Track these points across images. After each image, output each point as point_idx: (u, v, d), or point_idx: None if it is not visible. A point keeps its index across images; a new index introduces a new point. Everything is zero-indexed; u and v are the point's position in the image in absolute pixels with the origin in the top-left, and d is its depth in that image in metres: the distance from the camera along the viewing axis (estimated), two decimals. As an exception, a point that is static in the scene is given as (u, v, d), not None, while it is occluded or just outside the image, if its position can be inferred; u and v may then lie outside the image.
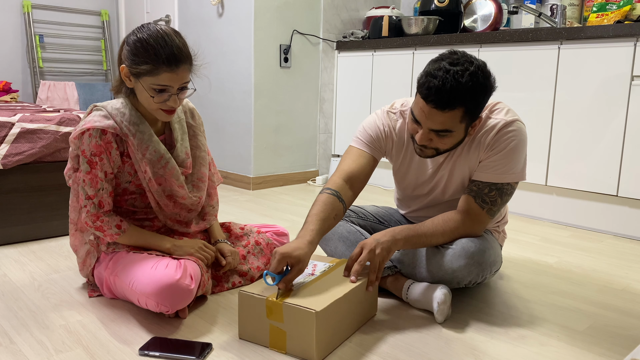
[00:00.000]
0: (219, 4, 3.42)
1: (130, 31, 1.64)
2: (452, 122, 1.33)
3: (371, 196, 3.18)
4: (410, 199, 1.71)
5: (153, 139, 1.49)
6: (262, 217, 2.63)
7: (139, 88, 1.42)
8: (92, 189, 1.45)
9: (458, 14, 3.10)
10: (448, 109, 1.30)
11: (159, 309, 1.36)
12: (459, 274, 1.47)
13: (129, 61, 1.39)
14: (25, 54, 4.20)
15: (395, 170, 1.67)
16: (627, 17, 2.56)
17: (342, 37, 3.61)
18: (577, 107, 2.48)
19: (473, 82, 1.29)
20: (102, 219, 1.47)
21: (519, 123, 1.47)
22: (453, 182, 1.56)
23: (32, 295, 1.59)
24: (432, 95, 1.29)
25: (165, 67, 1.35)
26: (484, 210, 1.47)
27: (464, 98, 1.29)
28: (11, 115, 2.08)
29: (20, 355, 1.24)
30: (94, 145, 1.43)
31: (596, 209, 2.50)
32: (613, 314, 1.56)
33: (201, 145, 1.64)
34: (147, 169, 1.48)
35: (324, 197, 1.45)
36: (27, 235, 2.12)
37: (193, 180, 1.61)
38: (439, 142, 1.39)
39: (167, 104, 1.41)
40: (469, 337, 1.38)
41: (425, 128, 1.37)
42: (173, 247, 1.51)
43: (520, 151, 1.46)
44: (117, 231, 1.47)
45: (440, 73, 1.29)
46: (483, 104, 1.36)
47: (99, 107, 1.48)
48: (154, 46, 1.35)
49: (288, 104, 3.46)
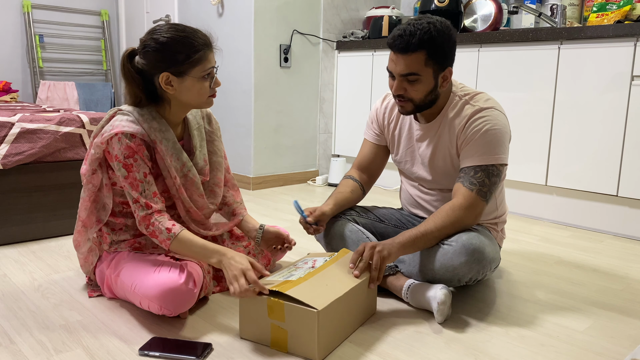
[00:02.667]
0: (219, 4, 3.42)
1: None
2: (417, 65, 1.47)
3: (372, 196, 3.18)
4: (407, 184, 1.81)
5: (176, 146, 1.48)
6: (262, 217, 2.63)
7: (186, 86, 1.40)
8: (135, 192, 1.39)
9: (458, 14, 3.10)
10: (410, 51, 1.46)
11: (162, 312, 1.36)
12: (459, 271, 1.48)
13: (170, 64, 1.37)
14: (25, 54, 4.20)
15: (390, 146, 1.79)
16: (627, 17, 2.56)
17: (342, 37, 3.61)
18: (577, 107, 2.48)
19: (430, 28, 1.45)
20: (153, 222, 1.39)
21: (495, 110, 1.55)
22: (437, 160, 1.64)
23: (32, 295, 1.59)
24: (396, 41, 1.47)
25: (207, 48, 1.41)
26: (473, 191, 1.50)
27: (422, 40, 1.44)
28: (11, 115, 2.08)
29: (20, 355, 1.24)
30: (125, 147, 1.38)
31: (596, 209, 2.50)
32: (613, 314, 1.56)
33: (218, 151, 1.64)
34: (176, 175, 1.47)
35: (342, 181, 1.79)
36: (27, 235, 2.12)
37: (210, 186, 1.61)
38: (412, 90, 1.51)
39: (213, 89, 1.45)
40: (469, 337, 1.38)
41: (397, 76, 1.51)
42: (220, 263, 1.36)
43: (496, 134, 1.52)
44: (167, 235, 1.38)
45: (403, 26, 1.49)
46: (447, 51, 1.49)
47: (124, 112, 1.44)
48: (188, 37, 1.38)
49: (288, 104, 3.46)
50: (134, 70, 1.41)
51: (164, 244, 1.40)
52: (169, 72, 1.38)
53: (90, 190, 1.50)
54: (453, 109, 1.59)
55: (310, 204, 2.96)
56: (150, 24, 4.17)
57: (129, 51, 1.42)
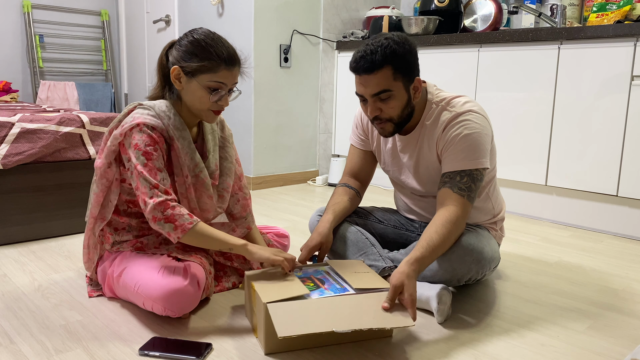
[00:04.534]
0: (219, 4, 3.42)
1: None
2: (386, 81, 1.44)
3: (371, 196, 3.18)
4: (399, 192, 1.80)
5: (191, 146, 1.50)
6: (262, 217, 2.63)
7: (191, 88, 1.42)
8: (154, 179, 1.38)
9: (458, 14, 3.10)
10: (376, 69, 1.43)
11: (166, 313, 1.37)
12: (458, 271, 1.48)
13: (185, 60, 1.41)
14: (25, 54, 4.20)
15: (376, 155, 1.77)
16: (627, 17, 2.56)
17: (342, 37, 3.61)
18: (577, 107, 2.48)
19: (389, 43, 1.43)
20: (173, 205, 1.36)
21: (474, 113, 1.52)
22: (421, 169, 1.62)
23: (32, 295, 1.59)
24: (359, 63, 1.45)
25: (225, 65, 1.41)
26: (464, 197, 1.48)
27: (385, 55, 1.42)
28: (11, 115, 2.08)
29: (20, 355, 1.24)
30: (147, 136, 1.40)
31: (596, 209, 2.50)
32: (613, 314, 1.56)
33: (229, 157, 1.65)
34: (188, 174, 1.49)
35: (336, 189, 1.76)
36: (27, 235, 2.12)
37: (219, 191, 1.61)
38: (387, 108, 1.48)
39: (218, 104, 1.45)
40: (469, 337, 1.38)
41: (368, 98, 1.48)
42: (246, 247, 1.40)
43: (475, 138, 1.49)
44: (189, 220, 1.36)
45: (362, 47, 1.47)
46: (412, 61, 1.47)
47: (145, 107, 1.46)
48: (214, 45, 1.40)
49: (288, 104, 3.46)
50: (166, 60, 1.48)
51: (181, 229, 1.35)
52: (180, 68, 1.42)
53: (104, 185, 1.50)
54: (430, 116, 1.56)
55: (310, 203, 2.96)
56: (150, 24, 4.18)
57: (171, 42, 1.48)
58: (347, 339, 1.32)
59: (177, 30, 3.87)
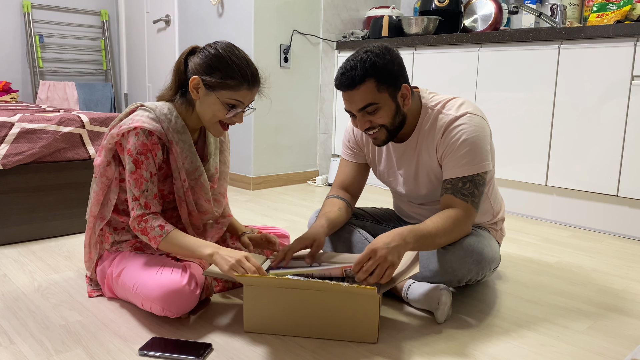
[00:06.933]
0: (219, 4, 3.42)
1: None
2: (371, 95, 1.43)
3: (371, 196, 3.18)
4: (398, 199, 1.78)
5: (192, 149, 1.50)
6: (262, 217, 2.63)
7: (208, 101, 1.42)
8: (137, 190, 1.41)
9: (458, 14, 3.10)
10: (358, 84, 1.42)
11: (164, 313, 1.36)
12: (459, 272, 1.48)
13: (206, 73, 1.40)
14: (25, 54, 4.20)
15: (371, 165, 1.74)
16: (627, 17, 2.56)
17: (342, 37, 3.61)
18: (577, 107, 2.48)
19: (369, 56, 1.42)
20: (146, 219, 1.41)
21: (470, 116, 1.49)
22: (421, 177, 1.60)
23: (32, 295, 1.59)
24: (341, 80, 1.44)
25: (247, 85, 1.41)
26: (468, 203, 1.47)
27: (365, 69, 1.41)
28: (11, 115, 2.08)
29: (20, 355, 1.24)
30: (141, 144, 1.40)
31: (596, 209, 2.50)
32: (613, 314, 1.56)
33: (226, 161, 1.67)
34: (186, 178, 1.49)
35: (327, 200, 1.69)
36: (27, 235, 2.12)
37: (215, 195, 1.62)
38: (376, 119, 1.47)
39: (231, 119, 1.45)
40: (469, 337, 1.38)
41: (356, 113, 1.47)
42: (213, 256, 1.37)
43: (476, 142, 1.48)
44: (159, 232, 1.40)
45: (344, 64, 1.46)
46: (395, 70, 1.45)
47: (146, 108, 1.46)
48: (239, 64, 1.40)
49: (288, 104, 3.46)
50: (184, 65, 1.46)
51: (154, 241, 1.40)
52: (201, 79, 1.40)
53: (104, 183, 1.51)
54: (427, 122, 1.54)
55: (310, 204, 2.96)
56: (150, 24, 4.18)
57: (191, 48, 1.46)
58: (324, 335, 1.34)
59: (177, 30, 3.87)
